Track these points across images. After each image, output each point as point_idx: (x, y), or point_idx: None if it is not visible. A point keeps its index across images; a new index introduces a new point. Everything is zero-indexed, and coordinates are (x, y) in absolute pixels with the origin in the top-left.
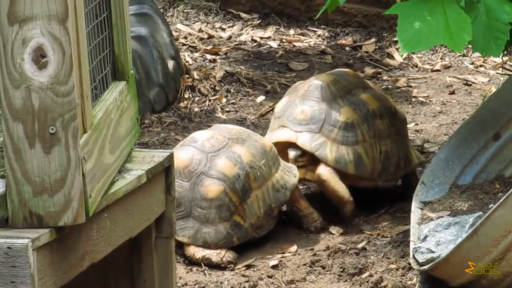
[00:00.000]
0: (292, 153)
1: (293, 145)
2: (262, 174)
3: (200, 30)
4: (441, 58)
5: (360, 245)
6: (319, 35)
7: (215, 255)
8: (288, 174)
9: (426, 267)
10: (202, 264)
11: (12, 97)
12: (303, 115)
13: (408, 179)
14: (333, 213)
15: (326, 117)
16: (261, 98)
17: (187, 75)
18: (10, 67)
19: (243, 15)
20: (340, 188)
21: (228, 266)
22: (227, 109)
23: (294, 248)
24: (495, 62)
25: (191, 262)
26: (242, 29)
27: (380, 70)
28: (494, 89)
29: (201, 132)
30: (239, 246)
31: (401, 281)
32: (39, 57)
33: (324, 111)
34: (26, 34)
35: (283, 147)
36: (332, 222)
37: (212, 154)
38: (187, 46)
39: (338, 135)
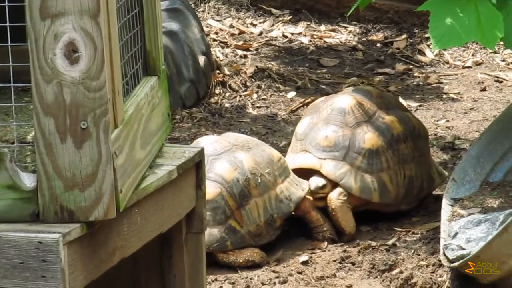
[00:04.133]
0: (313, 184)
1: (316, 173)
2: (265, 182)
3: (231, 26)
4: (472, 55)
5: (390, 242)
6: (350, 31)
7: (255, 255)
8: (296, 187)
9: (456, 264)
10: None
11: (44, 92)
12: (327, 141)
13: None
14: (362, 213)
15: (350, 144)
16: (291, 94)
17: (218, 71)
18: (42, 62)
19: (274, 11)
20: (345, 221)
21: (264, 263)
22: (258, 105)
23: (324, 244)
24: None
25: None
26: (273, 25)
27: (411, 66)
28: None
29: (207, 137)
30: (268, 242)
31: (431, 278)
32: (71, 52)
33: (348, 138)
34: (58, 29)
35: (303, 172)
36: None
37: (213, 157)
38: (218, 41)
39: (362, 163)
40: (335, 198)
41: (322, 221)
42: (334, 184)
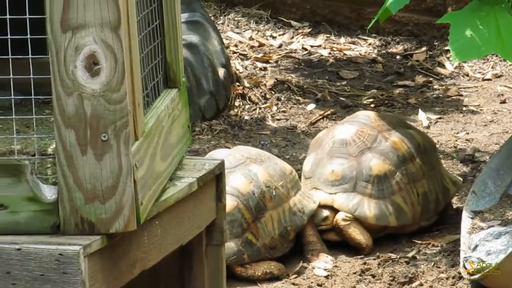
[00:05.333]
0: (319, 216)
1: (325, 207)
2: (279, 195)
3: (251, 38)
4: (492, 67)
5: (410, 254)
6: (369, 44)
7: (273, 267)
8: (308, 199)
9: (476, 276)
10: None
11: (65, 104)
12: (334, 175)
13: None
14: None
15: (357, 174)
16: (311, 106)
17: (237, 83)
18: (63, 74)
19: (293, 23)
20: (358, 235)
21: (283, 276)
22: (278, 117)
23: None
24: None
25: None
26: (292, 37)
27: (431, 79)
28: None
29: (220, 150)
30: (287, 253)
31: None
32: (92, 65)
33: (354, 168)
34: (79, 42)
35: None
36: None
37: (227, 170)
38: (238, 54)
39: (373, 190)
40: (340, 218)
41: (316, 239)
42: (337, 213)
